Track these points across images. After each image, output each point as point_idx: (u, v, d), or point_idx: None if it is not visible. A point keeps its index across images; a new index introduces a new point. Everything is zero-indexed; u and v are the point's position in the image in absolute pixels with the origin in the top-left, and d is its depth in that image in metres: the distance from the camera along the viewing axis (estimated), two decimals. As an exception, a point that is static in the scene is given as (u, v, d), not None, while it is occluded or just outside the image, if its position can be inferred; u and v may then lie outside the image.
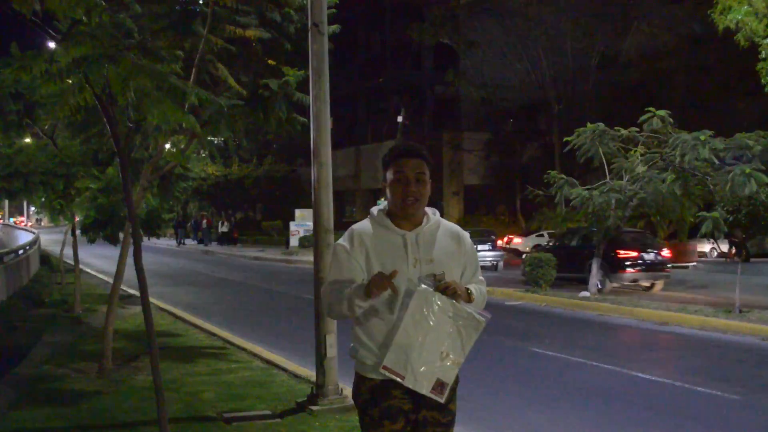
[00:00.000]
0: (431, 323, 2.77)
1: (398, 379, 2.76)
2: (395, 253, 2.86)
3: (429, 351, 2.78)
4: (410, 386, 2.77)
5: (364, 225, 2.97)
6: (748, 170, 12.66)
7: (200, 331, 11.25)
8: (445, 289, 2.79)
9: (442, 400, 2.82)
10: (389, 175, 2.90)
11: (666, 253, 17.51)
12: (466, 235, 3.08)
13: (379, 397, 2.83)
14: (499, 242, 25.40)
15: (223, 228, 42.05)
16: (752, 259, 23.83)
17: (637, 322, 12.91)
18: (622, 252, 16.58)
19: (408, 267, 2.85)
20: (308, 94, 6.96)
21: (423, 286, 2.78)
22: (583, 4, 28.05)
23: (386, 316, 2.84)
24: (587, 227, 16.96)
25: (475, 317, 2.84)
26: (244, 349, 9.53)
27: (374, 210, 2.99)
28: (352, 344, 2.96)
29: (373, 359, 2.85)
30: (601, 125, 15.15)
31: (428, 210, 2.99)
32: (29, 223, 72.93)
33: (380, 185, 3.01)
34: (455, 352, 2.83)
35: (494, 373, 8.47)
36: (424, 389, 2.79)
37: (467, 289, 2.90)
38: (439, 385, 2.80)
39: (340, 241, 2.97)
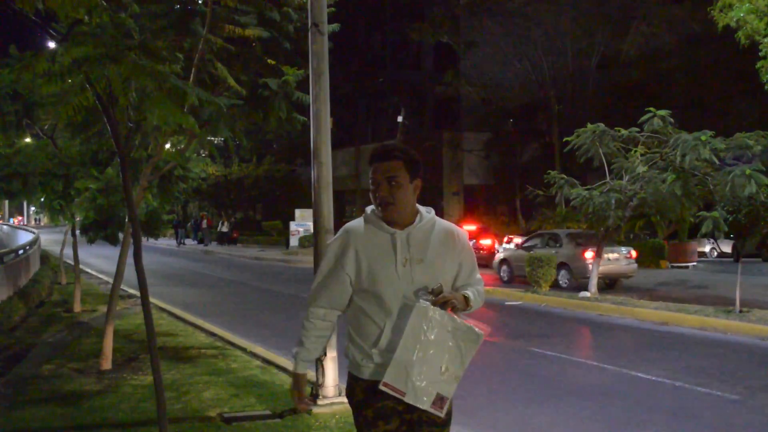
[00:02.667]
0: (431, 339, 2.76)
1: (399, 396, 2.75)
2: (384, 253, 2.85)
3: (429, 366, 2.77)
4: (411, 402, 2.76)
5: (357, 223, 2.96)
6: (748, 171, 12.66)
7: (200, 331, 11.25)
8: (443, 303, 2.77)
9: (442, 414, 2.81)
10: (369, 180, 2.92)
11: None
12: (463, 233, 3.04)
13: (372, 397, 2.83)
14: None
15: (223, 228, 42.06)
16: (742, 259, 23.82)
17: (637, 322, 12.91)
18: None
19: (397, 266, 2.83)
20: (308, 93, 6.96)
21: (421, 301, 2.76)
22: (583, 4, 28.03)
23: (378, 318, 2.84)
24: None
25: (474, 331, 2.82)
26: (244, 349, 9.52)
27: (368, 209, 2.98)
28: (347, 344, 2.96)
29: (365, 360, 2.85)
30: (602, 125, 15.14)
31: (422, 209, 2.96)
32: (24, 222, 72.98)
33: None
34: (455, 366, 2.82)
35: (494, 373, 8.47)
36: (425, 404, 2.78)
37: (464, 296, 2.89)
38: (439, 399, 2.79)
39: (333, 240, 2.96)
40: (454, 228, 3.03)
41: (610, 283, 17.78)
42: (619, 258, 17.79)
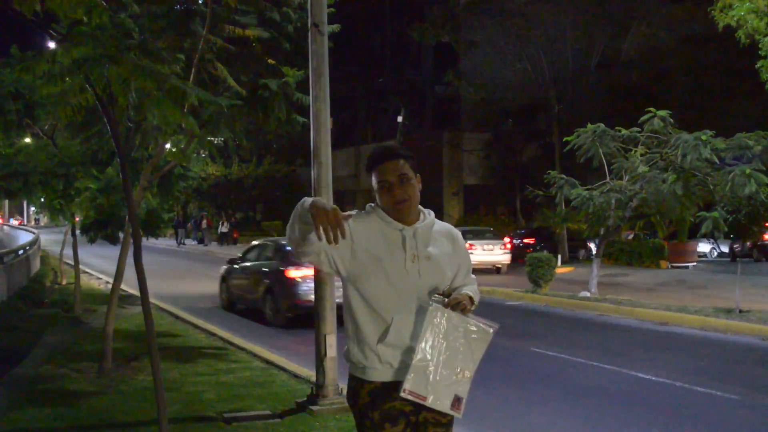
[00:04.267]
0: (446, 341, 2.78)
1: (421, 401, 2.76)
2: (393, 248, 2.85)
3: (446, 368, 2.79)
4: (433, 406, 2.77)
5: (364, 214, 2.94)
6: (748, 171, 12.68)
7: (200, 331, 11.24)
8: (456, 305, 2.79)
9: (460, 415, 2.83)
10: (374, 183, 2.89)
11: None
12: (460, 234, 3.09)
13: (379, 400, 2.82)
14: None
15: (223, 228, 42.06)
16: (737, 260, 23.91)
17: (637, 322, 12.91)
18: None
19: (406, 262, 2.84)
20: (308, 94, 6.96)
21: (434, 304, 2.78)
22: (583, 4, 28.01)
23: (385, 314, 2.82)
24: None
25: (484, 329, 2.86)
26: (244, 349, 9.52)
27: (371, 205, 2.96)
28: (346, 346, 2.94)
29: (372, 361, 2.82)
30: (602, 125, 15.14)
31: (423, 210, 2.97)
32: (24, 222, 72.96)
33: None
34: (467, 365, 2.84)
35: (494, 373, 8.47)
36: (445, 407, 2.79)
37: (469, 295, 2.90)
38: (457, 401, 2.81)
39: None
40: (453, 229, 3.08)
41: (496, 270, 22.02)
42: (493, 249, 21.50)
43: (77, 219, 12.40)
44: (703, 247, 26.93)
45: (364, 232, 2.85)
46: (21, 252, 17.00)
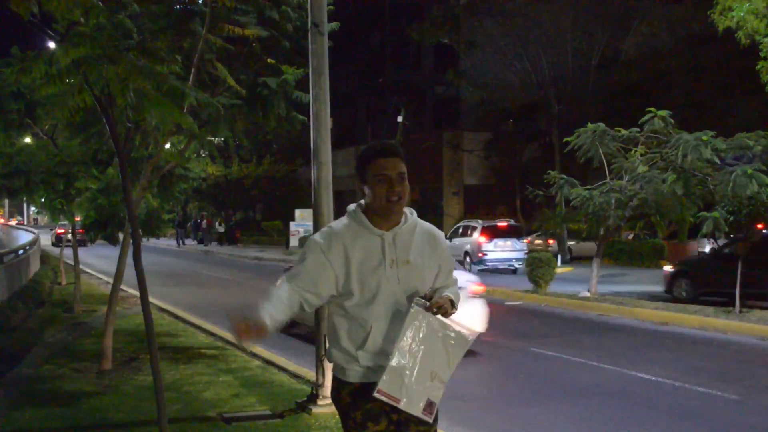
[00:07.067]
0: (424, 345, 2.77)
1: (394, 403, 2.75)
2: (373, 254, 2.85)
3: (421, 372, 2.78)
4: (405, 409, 2.76)
5: (341, 223, 2.94)
6: (750, 171, 12.66)
7: (200, 331, 11.24)
8: (438, 308, 2.78)
9: (430, 420, 2.82)
10: (369, 176, 2.86)
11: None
12: (442, 234, 3.08)
13: (360, 400, 2.84)
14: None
15: (220, 228, 42.08)
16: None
17: (637, 322, 12.91)
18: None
19: (385, 267, 2.84)
20: (308, 93, 6.96)
21: (416, 307, 2.77)
22: (583, 4, 28.01)
23: (365, 320, 2.83)
24: None
25: (463, 335, 2.84)
26: (244, 349, 9.52)
27: (352, 207, 2.96)
28: (328, 347, 2.95)
29: (350, 363, 2.84)
30: (602, 125, 15.14)
31: (406, 209, 2.96)
32: (24, 222, 73.00)
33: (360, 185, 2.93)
34: (443, 371, 2.82)
35: (494, 373, 8.47)
36: (417, 410, 2.79)
37: (450, 298, 2.89)
38: (429, 405, 2.80)
39: (318, 237, 2.92)
40: (435, 230, 3.06)
41: None
42: None
43: (77, 219, 12.40)
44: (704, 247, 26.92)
45: (347, 245, 2.85)
46: (21, 252, 17.00)
